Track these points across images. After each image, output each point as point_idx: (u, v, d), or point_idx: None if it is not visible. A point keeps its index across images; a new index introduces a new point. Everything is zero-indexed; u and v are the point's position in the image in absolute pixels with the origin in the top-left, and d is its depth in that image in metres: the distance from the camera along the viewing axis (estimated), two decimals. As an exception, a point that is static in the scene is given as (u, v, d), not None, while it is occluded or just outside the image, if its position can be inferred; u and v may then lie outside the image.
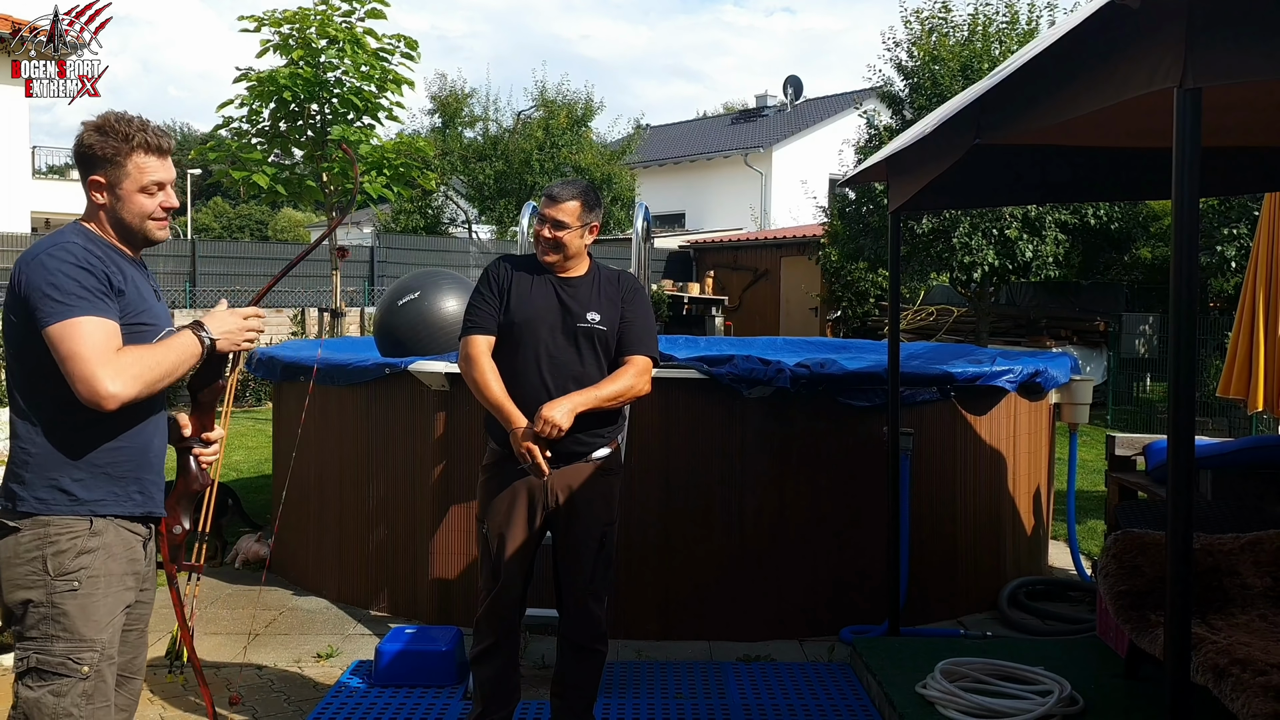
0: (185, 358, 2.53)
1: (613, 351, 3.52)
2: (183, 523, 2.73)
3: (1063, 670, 4.06)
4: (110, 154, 2.51)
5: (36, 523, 2.42)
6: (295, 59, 11.00)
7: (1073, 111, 2.87)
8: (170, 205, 2.61)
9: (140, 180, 2.53)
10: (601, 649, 3.57)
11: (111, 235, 2.56)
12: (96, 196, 2.54)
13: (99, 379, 2.32)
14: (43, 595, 2.41)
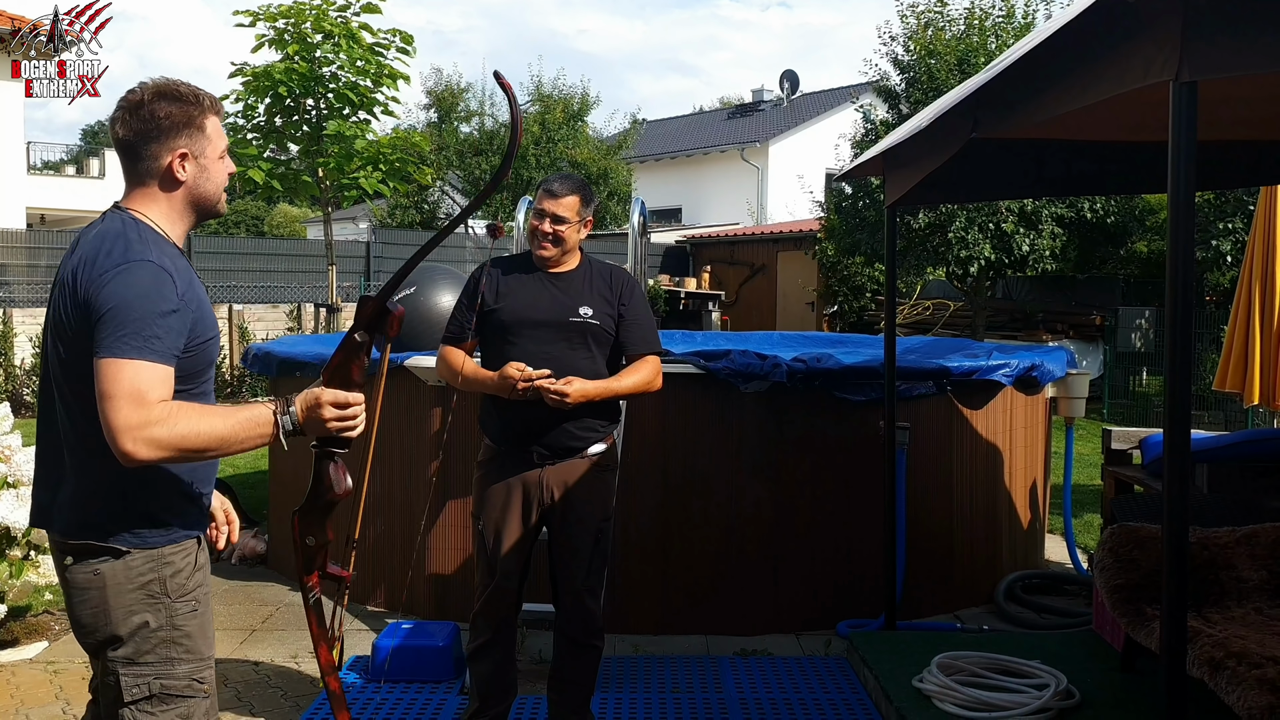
0: (245, 437, 2.19)
1: (608, 347, 3.53)
2: (317, 535, 2.48)
3: (1059, 664, 4.07)
4: (190, 119, 2.26)
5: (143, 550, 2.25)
6: (291, 54, 10.97)
7: (1069, 105, 2.87)
8: (233, 170, 2.40)
9: (220, 145, 2.33)
10: (598, 644, 3.58)
11: (177, 221, 2.30)
12: (178, 172, 2.26)
13: (124, 433, 2.05)
14: (163, 618, 2.25)
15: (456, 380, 3.56)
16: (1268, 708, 2.92)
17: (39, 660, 4.56)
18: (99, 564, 2.22)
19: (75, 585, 2.25)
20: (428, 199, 25.28)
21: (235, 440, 2.18)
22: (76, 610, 2.26)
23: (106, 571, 2.22)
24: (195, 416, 2.12)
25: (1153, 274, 15.27)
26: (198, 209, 2.34)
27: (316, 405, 2.24)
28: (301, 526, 2.46)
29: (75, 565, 2.24)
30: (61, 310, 2.19)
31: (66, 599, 2.30)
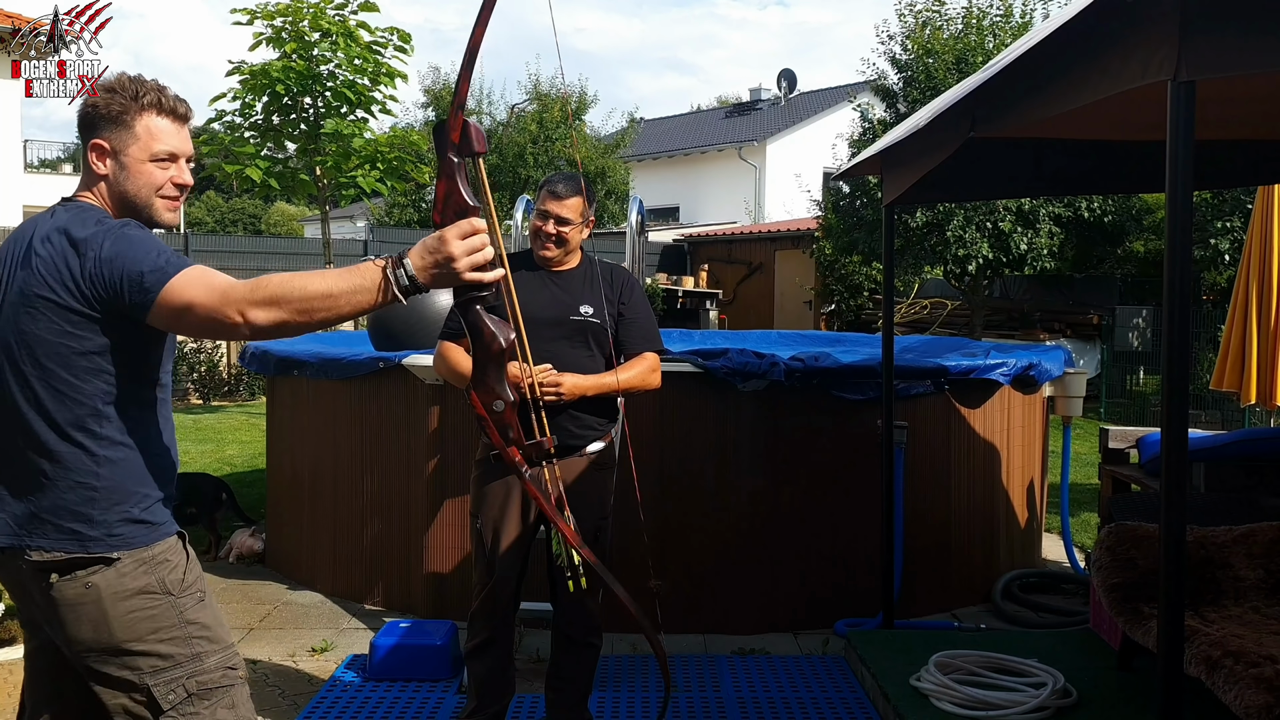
0: (349, 289, 1.99)
1: (608, 346, 3.53)
2: (501, 395, 2.18)
3: (1056, 662, 4.07)
4: (116, 113, 2.18)
5: (130, 552, 2.16)
6: (288, 52, 10.97)
7: (1067, 105, 2.87)
8: (183, 182, 2.25)
9: (150, 147, 2.19)
10: (596, 642, 3.58)
11: (112, 212, 2.22)
12: (97, 165, 2.20)
13: (227, 312, 1.99)
14: (174, 616, 2.17)
15: (455, 377, 3.56)
16: (1264, 707, 2.93)
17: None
18: (90, 575, 2.12)
19: (65, 603, 2.12)
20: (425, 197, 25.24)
21: (341, 294, 1.99)
22: (72, 630, 2.14)
23: (100, 582, 2.12)
24: (283, 276, 2.03)
25: (1150, 273, 15.28)
26: (124, 210, 2.21)
27: (441, 245, 1.99)
28: (481, 396, 2.18)
29: (63, 581, 2.12)
30: (35, 306, 2.10)
31: (56, 622, 2.15)
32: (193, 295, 2.03)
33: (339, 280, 2.01)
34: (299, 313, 2.00)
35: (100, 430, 2.14)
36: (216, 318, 2.01)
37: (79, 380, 2.12)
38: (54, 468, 2.12)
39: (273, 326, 2.01)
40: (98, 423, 2.14)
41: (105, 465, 2.14)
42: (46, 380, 2.12)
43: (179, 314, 2.05)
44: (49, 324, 2.10)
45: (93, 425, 2.13)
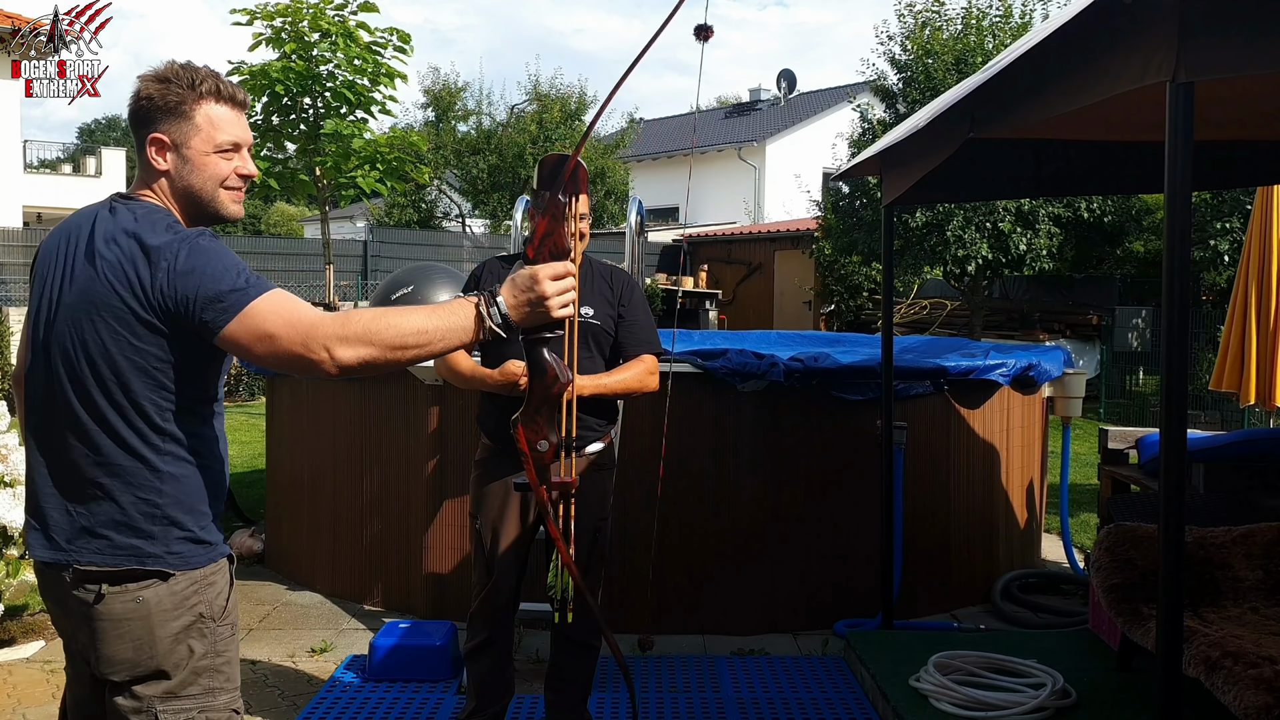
0: (445, 327, 1.95)
1: (608, 347, 3.53)
2: (548, 436, 2.20)
3: (1055, 663, 4.08)
4: (174, 104, 2.07)
5: (185, 572, 2.08)
6: (288, 53, 10.98)
7: (1066, 106, 2.87)
8: (247, 172, 2.16)
9: (213, 137, 2.09)
10: (596, 644, 3.58)
11: (174, 209, 2.12)
12: (157, 160, 2.09)
13: (312, 348, 1.91)
14: (208, 644, 2.09)
15: (455, 377, 3.56)
16: (1264, 707, 2.93)
17: (36, 659, 4.55)
18: (141, 590, 2.03)
19: (111, 617, 2.02)
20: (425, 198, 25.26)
21: (434, 331, 1.94)
22: (110, 646, 2.04)
23: (150, 598, 2.03)
24: (373, 311, 1.96)
25: (1149, 273, 15.28)
26: (188, 206, 2.12)
27: (534, 284, 1.96)
28: (529, 433, 2.19)
29: (114, 594, 2.02)
30: (100, 314, 2.00)
31: (93, 635, 2.04)
32: (274, 326, 1.94)
33: (431, 318, 1.95)
34: (391, 349, 1.93)
35: (163, 444, 2.05)
36: (299, 353, 1.93)
37: (142, 392, 2.02)
38: (113, 482, 2.02)
39: (360, 365, 1.93)
40: (160, 436, 2.05)
41: (168, 481, 2.05)
42: (108, 391, 2.02)
43: (256, 342, 1.95)
44: (112, 333, 2.00)
45: (155, 439, 2.04)
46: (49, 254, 2.12)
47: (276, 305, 1.96)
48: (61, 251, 2.09)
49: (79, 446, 2.04)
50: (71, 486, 2.05)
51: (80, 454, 2.04)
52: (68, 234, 2.11)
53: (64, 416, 2.05)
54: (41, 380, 2.08)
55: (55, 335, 2.05)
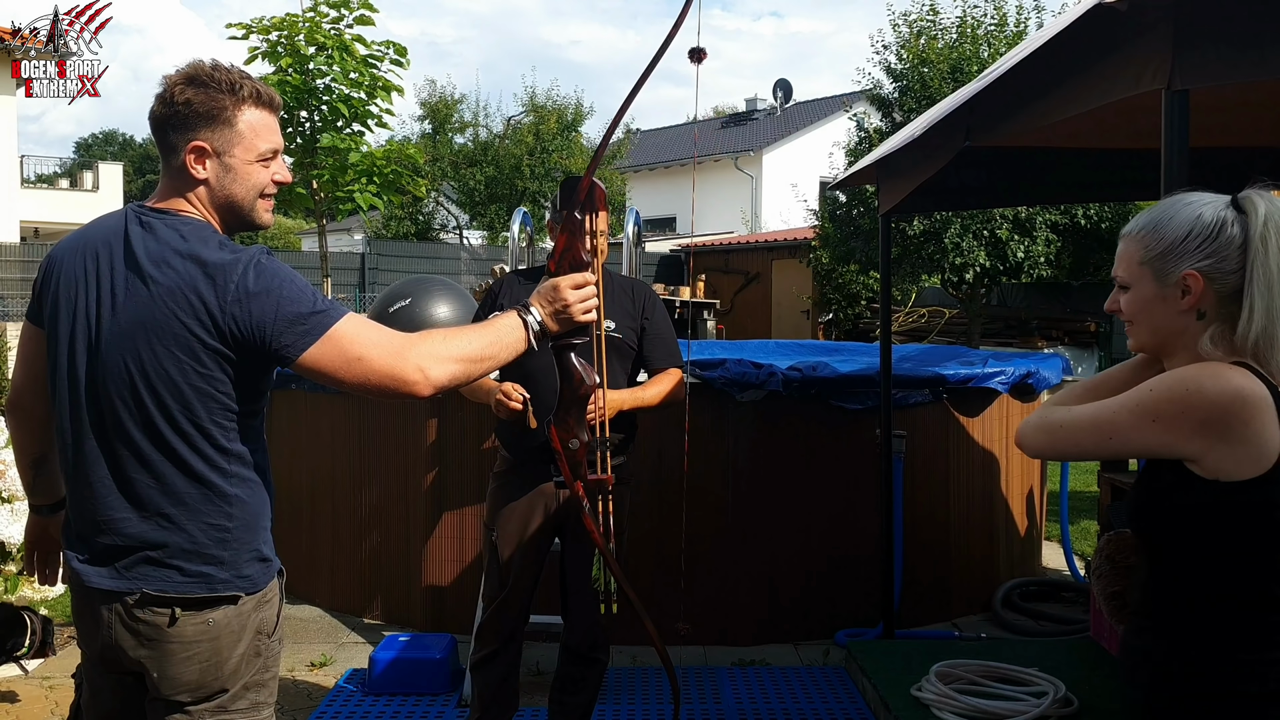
0: (507, 342, 2.03)
1: (630, 360, 3.53)
2: (579, 434, 2.29)
3: (1057, 671, 4.06)
4: (216, 110, 1.97)
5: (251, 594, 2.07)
6: (284, 66, 10.97)
7: (1062, 113, 2.88)
8: (284, 179, 2.09)
9: (255, 146, 2.01)
10: (603, 658, 3.56)
11: (211, 220, 2.03)
12: (195, 169, 1.99)
13: (407, 369, 1.91)
14: (263, 660, 2.07)
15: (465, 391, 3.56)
16: (1266, 714, 2.92)
17: (34, 676, 4.54)
18: (213, 613, 1.98)
19: (182, 639, 1.97)
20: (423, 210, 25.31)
21: (501, 346, 2.02)
22: (178, 668, 1.98)
23: (220, 620, 1.99)
24: (446, 332, 2.00)
25: (1147, 280, 15.30)
26: (226, 216, 2.05)
27: (556, 292, 2.08)
28: (561, 432, 2.29)
29: (186, 616, 1.96)
30: (160, 340, 1.92)
31: (161, 656, 1.98)
32: (363, 348, 1.92)
33: (491, 332, 2.02)
34: (474, 363, 1.98)
35: (229, 467, 2.00)
36: (393, 373, 1.91)
37: (208, 417, 1.96)
38: (180, 510, 1.97)
39: (450, 382, 1.95)
40: (226, 460, 2.00)
41: (236, 505, 2.01)
42: (173, 419, 1.94)
43: (345, 365, 1.92)
44: (175, 361, 1.92)
45: (222, 462, 1.99)
46: (72, 274, 2.00)
47: (361, 327, 1.95)
48: (90, 272, 1.98)
49: (143, 479, 1.96)
50: (136, 520, 1.97)
51: (145, 487, 1.96)
52: (93, 251, 2.00)
53: (122, 450, 1.96)
54: (84, 414, 1.99)
55: (104, 364, 1.95)
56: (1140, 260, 1.78)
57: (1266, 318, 1.66)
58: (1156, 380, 1.72)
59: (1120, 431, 1.73)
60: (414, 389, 1.93)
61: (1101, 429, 1.76)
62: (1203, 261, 1.70)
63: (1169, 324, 1.77)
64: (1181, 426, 1.65)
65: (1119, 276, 1.84)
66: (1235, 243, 1.68)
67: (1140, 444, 1.72)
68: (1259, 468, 1.63)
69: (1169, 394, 1.68)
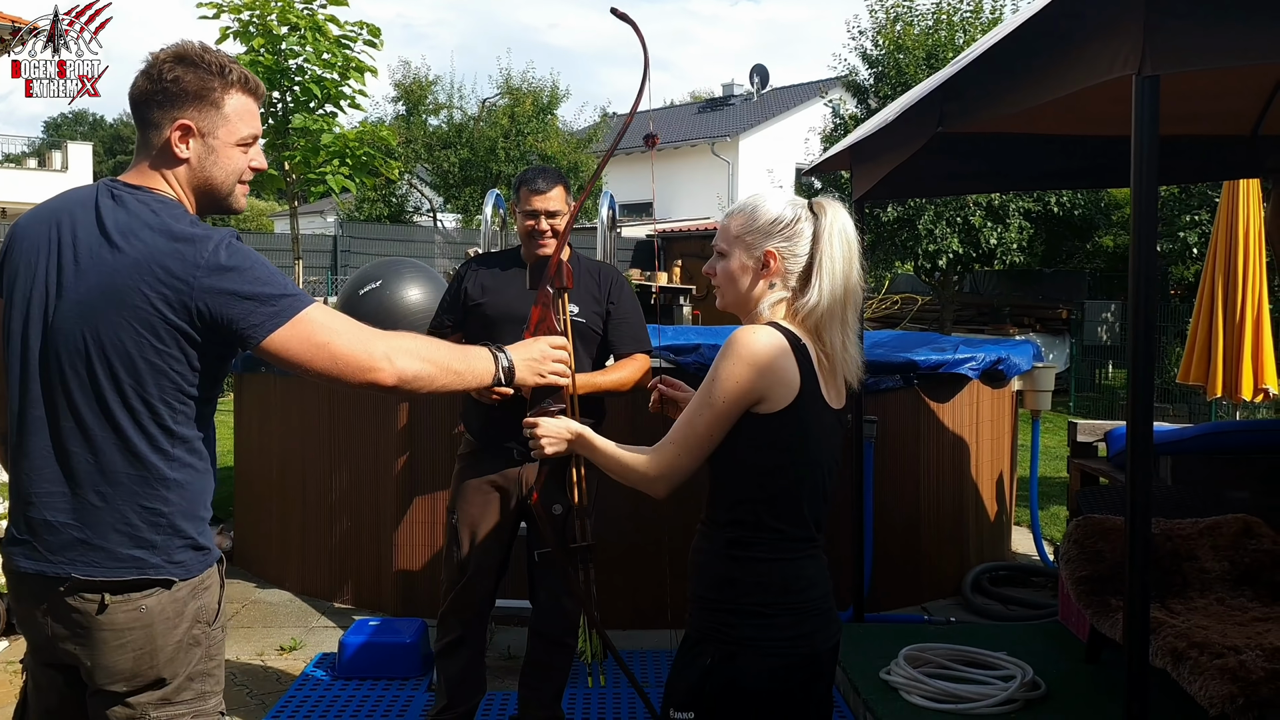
0: (472, 369, 2.11)
1: (595, 345, 3.50)
2: (560, 500, 2.47)
3: (1025, 655, 4.10)
4: (204, 91, 1.97)
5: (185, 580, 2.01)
6: (255, 46, 10.85)
7: (1033, 99, 2.88)
8: (260, 166, 2.09)
9: (238, 130, 2.02)
10: (571, 642, 3.55)
11: (185, 199, 2.01)
12: (179, 148, 1.97)
13: (374, 355, 1.94)
14: (203, 649, 2.03)
15: None
16: (1228, 696, 2.95)
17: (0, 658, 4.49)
18: (145, 599, 1.93)
19: (114, 627, 1.92)
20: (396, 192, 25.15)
21: (468, 367, 2.10)
22: (111, 657, 1.93)
23: (154, 606, 1.94)
24: (418, 335, 2.06)
25: (1119, 268, 15.43)
26: (202, 197, 2.04)
27: (534, 345, 2.27)
28: (543, 498, 2.44)
29: (117, 603, 1.92)
30: (121, 313, 1.88)
31: (92, 645, 1.94)
32: (332, 334, 1.93)
33: (464, 355, 2.12)
34: (444, 371, 2.05)
35: (172, 450, 1.95)
36: (361, 360, 1.93)
37: (157, 395, 1.91)
38: (116, 490, 1.92)
39: (415, 378, 1.99)
40: (170, 442, 1.95)
41: (174, 489, 1.96)
42: (122, 392, 1.90)
43: (312, 349, 1.92)
44: (132, 332, 1.88)
45: (165, 445, 1.94)
46: (35, 242, 1.96)
47: (330, 315, 1.97)
48: (53, 240, 1.94)
49: (81, 453, 1.92)
50: (68, 495, 1.93)
51: (82, 461, 1.92)
52: (58, 221, 1.96)
53: (66, 420, 1.92)
54: (34, 382, 1.94)
55: (59, 332, 1.91)
56: (735, 234, 2.13)
57: (831, 297, 2.04)
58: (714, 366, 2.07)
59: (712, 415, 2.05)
60: (378, 376, 1.94)
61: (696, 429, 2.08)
62: (781, 244, 2.08)
63: (750, 289, 2.15)
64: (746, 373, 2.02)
65: (718, 246, 2.19)
66: (806, 235, 2.07)
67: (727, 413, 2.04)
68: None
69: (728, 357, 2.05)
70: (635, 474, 2.22)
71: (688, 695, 2.07)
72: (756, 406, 2.01)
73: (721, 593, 2.08)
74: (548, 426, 2.26)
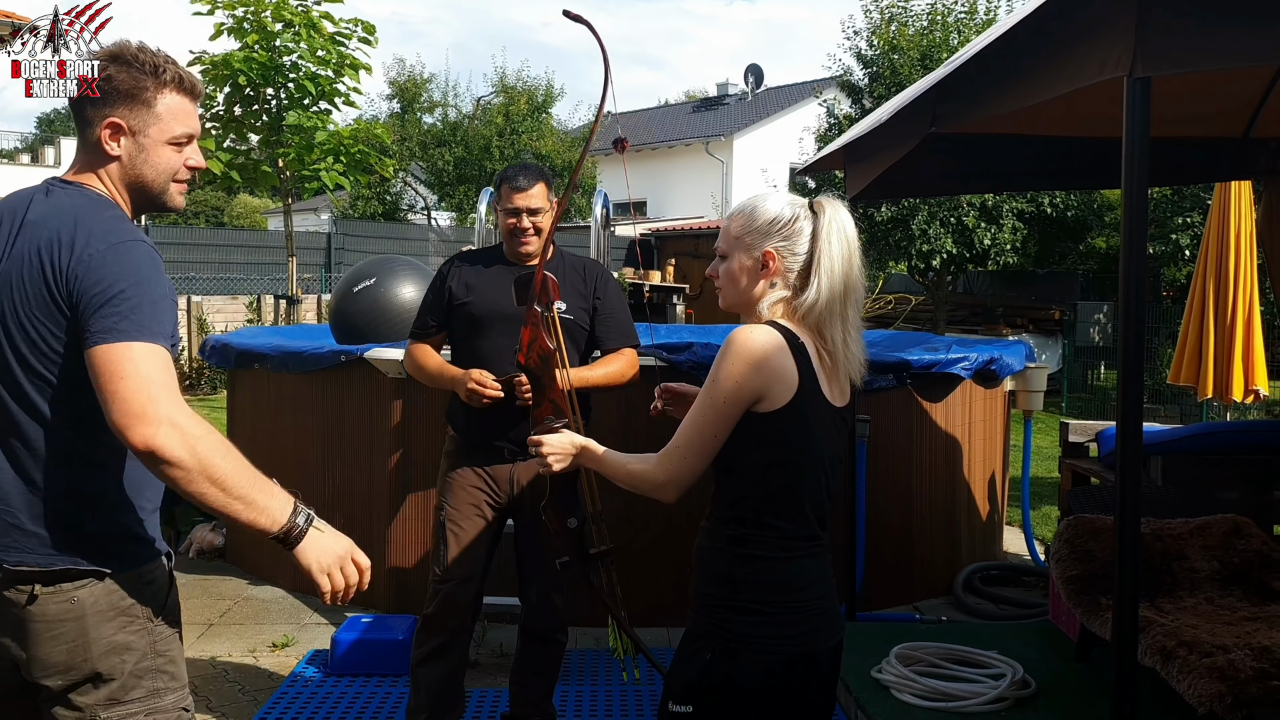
0: (260, 499, 1.97)
1: (583, 341, 3.50)
2: (574, 513, 2.56)
3: (1015, 654, 4.11)
4: (135, 90, 1.99)
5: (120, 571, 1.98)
6: (250, 43, 10.86)
7: (1025, 100, 2.89)
8: (197, 165, 2.10)
9: (171, 128, 2.03)
10: (562, 639, 3.55)
11: (119, 197, 2.03)
12: (109, 145, 2.00)
13: (161, 405, 1.80)
14: (147, 644, 1.98)
15: (426, 377, 3.54)
16: (1216, 695, 2.97)
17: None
18: (76, 590, 1.91)
19: (45, 618, 1.90)
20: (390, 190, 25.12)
21: (252, 495, 1.93)
22: (44, 649, 1.91)
23: (86, 598, 1.92)
24: (217, 437, 1.90)
25: (1111, 269, 15.46)
26: (135, 195, 2.05)
27: (338, 544, 2.14)
28: (556, 514, 2.50)
29: (47, 595, 1.90)
30: (24, 294, 1.90)
31: (25, 637, 1.92)
32: (136, 369, 1.80)
33: (255, 486, 1.95)
34: (204, 474, 1.85)
35: (98, 436, 1.91)
36: (135, 404, 1.78)
37: (75, 380, 1.89)
38: (45, 475, 1.91)
39: (167, 458, 1.80)
40: (95, 427, 1.91)
41: (102, 474, 1.95)
42: (41, 377, 1.90)
43: (107, 374, 1.80)
44: (35, 315, 1.89)
45: (90, 429, 1.92)
46: None
47: (153, 360, 1.83)
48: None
49: (9, 439, 1.92)
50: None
51: (10, 446, 1.92)
52: (4, 212, 2.01)
53: None
54: None
55: None
56: (735, 235, 2.14)
57: (830, 295, 2.05)
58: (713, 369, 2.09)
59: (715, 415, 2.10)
60: (133, 430, 1.78)
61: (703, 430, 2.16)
62: (780, 243, 2.09)
63: (750, 289, 2.14)
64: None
65: (719, 248, 2.19)
66: (805, 234, 2.09)
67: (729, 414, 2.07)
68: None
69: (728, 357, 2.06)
70: (644, 482, 2.28)
71: (687, 690, 2.09)
72: (756, 405, 2.03)
73: (722, 589, 2.09)
74: (552, 443, 2.28)
